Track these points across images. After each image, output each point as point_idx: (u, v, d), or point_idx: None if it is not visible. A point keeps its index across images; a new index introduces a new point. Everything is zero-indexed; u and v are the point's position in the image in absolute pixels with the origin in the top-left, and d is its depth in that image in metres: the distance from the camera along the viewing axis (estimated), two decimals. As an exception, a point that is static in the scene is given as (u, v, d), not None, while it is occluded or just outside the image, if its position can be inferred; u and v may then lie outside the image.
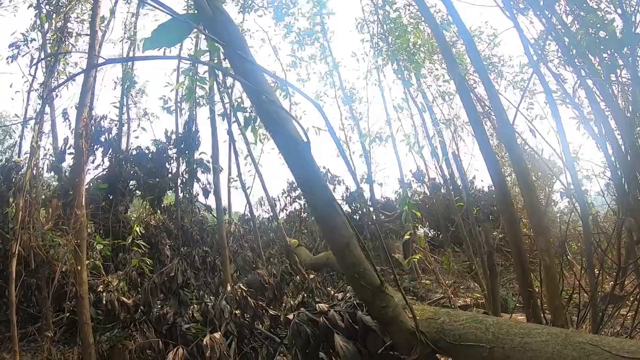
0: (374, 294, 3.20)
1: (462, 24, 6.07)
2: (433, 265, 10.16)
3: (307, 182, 3.28)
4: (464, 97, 5.72)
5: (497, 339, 2.63)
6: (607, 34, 6.84)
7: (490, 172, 5.28)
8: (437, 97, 13.88)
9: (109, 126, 12.02)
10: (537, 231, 4.74)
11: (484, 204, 15.22)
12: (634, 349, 1.87)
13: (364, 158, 14.58)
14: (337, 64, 15.27)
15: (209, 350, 4.86)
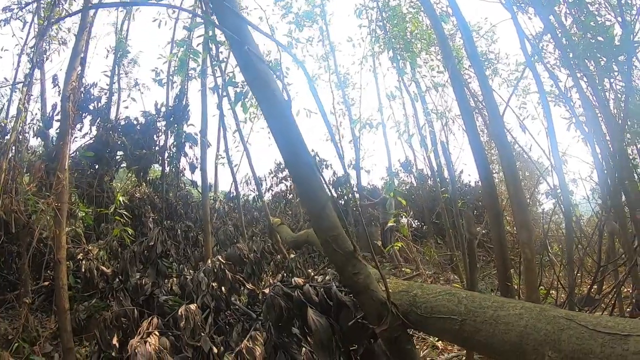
0: (346, 259, 3.14)
1: (461, 17, 6.04)
2: (414, 255, 10.26)
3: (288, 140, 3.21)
4: (457, 90, 5.72)
5: (469, 312, 2.58)
6: (605, 39, 6.86)
7: (478, 166, 5.29)
8: (431, 87, 13.88)
9: (98, 94, 11.89)
10: (521, 225, 4.76)
11: (470, 198, 15.31)
12: (611, 325, 1.83)
13: (353, 144, 14.60)
14: (334, 47, 15.23)
15: (184, 320, 4.84)
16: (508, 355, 2.28)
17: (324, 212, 3.19)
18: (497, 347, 2.33)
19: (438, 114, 13.25)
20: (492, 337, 2.36)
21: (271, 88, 3.25)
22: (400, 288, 3.28)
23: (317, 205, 3.20)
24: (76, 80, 6.77)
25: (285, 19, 14.56)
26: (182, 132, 12.16)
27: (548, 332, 2.04)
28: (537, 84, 6.07)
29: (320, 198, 3.20)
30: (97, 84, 12.02)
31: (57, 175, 5.90)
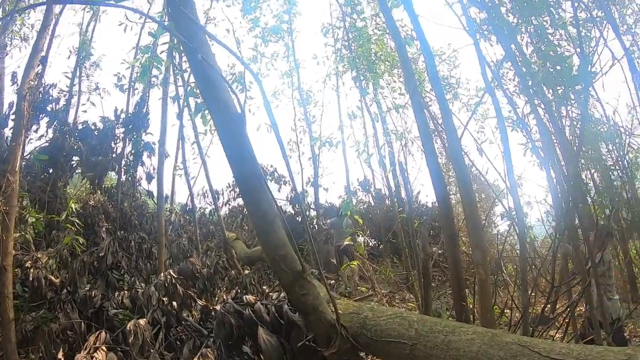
0: (294, 279, 3.11)
1: (424, 41, 6.16)
2: (370, 273, 10.27)
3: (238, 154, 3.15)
4: (417, 112, 5.81)
5: (420, 336, 2.54)
6: (563, 68, 7.07)
7: (435, 188, 5.37)
8: (392, 109, 14.05)
9: (57, 96, 11.54)
10: (475, 245, 4.84)
11: (427, 218, 15.48)
12: (565, 352, 1.82)
13: (312, 161, 14.60)
14: (298, 64, 15.26)
15: (132, 336, 4.71)
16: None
17: (272, 230, 3.16)
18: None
19: (398, 135, 13.42)
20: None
21: (223, 100, 3.20)
22: (351, 309, 3.25)
23: (265, 222, 3.17)
24: (35, 79, 6.57)
25: (252, 33, 14.57)
26: (141, 140, 11.91)
27: (501, 358, 2.03)
28: (496, 109, 6.20)
29: (268, 215, 3.17)
30: (56, 85, 11.70)
31: (7, 177, 5.68)
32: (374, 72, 12.31)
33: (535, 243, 10.95)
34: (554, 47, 7.77)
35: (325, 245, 13.42)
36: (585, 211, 8.28)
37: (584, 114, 7.63)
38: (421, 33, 6.14)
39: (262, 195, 3.16)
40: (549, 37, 8.00)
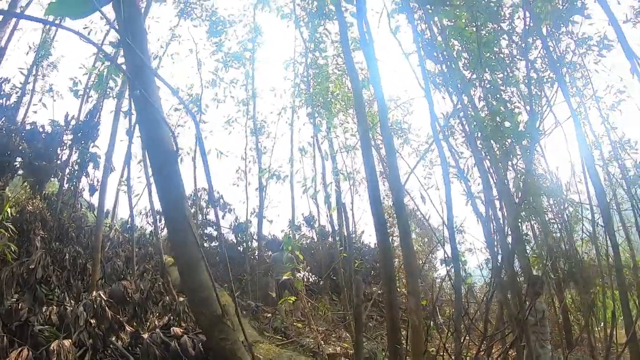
0: (213, 324, 3.09)
1: (378, 86, 6.26)
2: (307, 310, 10.18)
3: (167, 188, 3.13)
4: (366, 155, 5.88)
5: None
6: (512, 125, 7.32)
7: (377, 231, 5.42)
8: (343, 148, 14.22)
9: (9, 92, 11.19)
10: (410, 292, 4.89)
11: (368, 258, 15.56)
12: None
13: (259, 192, 14.54)
14: (256, 93, 15.31)
15: (56, 357, 4.49)
16: None
17: (195, 272, 3.12)
18: None
19: (346, 175, 13.54)
20: None
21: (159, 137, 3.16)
22: (270, 355, 3.26)
23: (189, 264, 3.15)
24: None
25: (215, 56, 14.58)
26: (88, 150, 11.56)
27: None
28: (441, 159, 6.34)
29: (193, 257, 3.15)
30: (10, 80, 11.33)
31: None
32: (329, 111, 12.44)
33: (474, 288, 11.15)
34: (505, 103, 8.07)
35: (264, 278, 13.27)
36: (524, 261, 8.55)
37: (528, 169, 7.91)
38: (376, 77, 6.25)
39: (188, 237, 3.15)
40: (501, 93, 8.31)
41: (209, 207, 15.16)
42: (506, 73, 8.65)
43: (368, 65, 6.67)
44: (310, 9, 12.58)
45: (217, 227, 14.85)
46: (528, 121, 7.43)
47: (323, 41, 12.85)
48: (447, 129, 9.00)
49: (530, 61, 8.08)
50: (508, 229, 7.00)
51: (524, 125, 7.48)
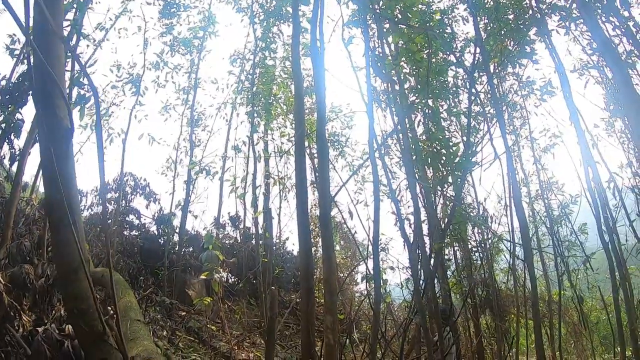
0: (93, 341, 2.78)
1: (321, 95, 6.15)
2: (223, 312, 9.96)
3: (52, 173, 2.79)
4: (299, 161, 5.75)
5: None
6: (448, 153, 7.40)
7: (300, 241, 5.31)
8: (277, 152, 14.06)
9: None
10: (328, 310, 4.79)
11: (290, 266, 15.44)
12: None
13: (187, 185, 14.10)
14: (198, 83, 14.88)
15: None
16: None
17: (75, 278, 2.82)
18: None
19: (277, 179, 13.40)
20: None
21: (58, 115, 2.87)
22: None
23: (68, 268, 2.84)
24: None
25: (163, 39, 14.08)
26: (15, 116, 10.72)
27: None
28: (374, 176, 6.28)
29: (73, 261, 2.83)
30: None
31: None
32: (269, 112, 12.26)
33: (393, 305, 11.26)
34: (443, 131, 8.17)
35: (182, 274, 12.87)
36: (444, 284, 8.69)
37: (457, 197, 8.02)
38: (321, 86, 6.13)
39: (68, 235, 2.81)
40: (441, 121, 8.41)
41: (133, 193, 14.57)
42: (449, 102, 8.79)
43: (315, 73, 6.54)
44: (267, 7, 12.44)
45: (138, 216, 14.33)
46: (464, 152, 7.53)
47: (274, 42, 12.71)
48: (383, 148, 9.04)
49: (474, 94, 8.21)
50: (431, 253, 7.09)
51: (460, 156, 7.58)
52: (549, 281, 11.98)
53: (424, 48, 7.17)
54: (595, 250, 10.28)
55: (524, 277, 10.13)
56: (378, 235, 6.03)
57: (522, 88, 10.79)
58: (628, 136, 10.74)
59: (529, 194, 12.20)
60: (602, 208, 7.99)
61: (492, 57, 8.70)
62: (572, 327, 12.70)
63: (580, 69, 10.28)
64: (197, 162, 14.17)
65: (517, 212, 7.51)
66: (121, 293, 3.81)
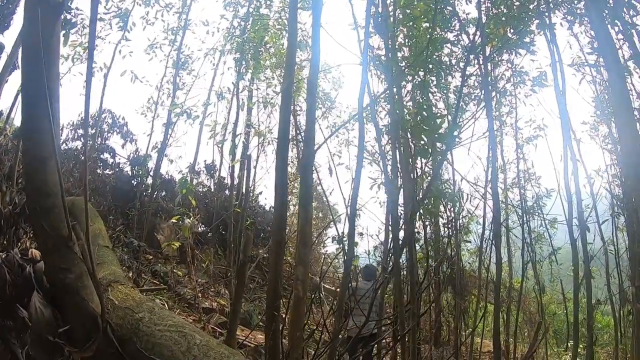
0: (55, 246, 2.43)
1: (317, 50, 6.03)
2: (189, 258, 9.95)
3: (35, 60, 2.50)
4: (283, 115, 5.65)
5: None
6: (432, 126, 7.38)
7: (276, 192, 5.24)
8: (262, 102, 13.89)
9: None
10: (300, 261, 4.75)
11: (261, 220, 15.44)
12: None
13: (165, 127, 13.84)
14: (188, 25, 14.48)
15: None
16: None
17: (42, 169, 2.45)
18: None
19: (257, 130, 13.30)
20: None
21: None
22: (129, 303, 2.62)
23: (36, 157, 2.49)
24: None
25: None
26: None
27: None
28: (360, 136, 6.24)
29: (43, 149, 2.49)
30: None
31: None
32: (257, 61, 12.05)
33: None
34: (431, 104, 8.13)
35: (152, 218, 12.77)
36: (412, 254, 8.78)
37: (436, 171, 8.04)
38: (317, 41, 6.01)
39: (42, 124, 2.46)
40: (430, 94, 8.37)
41: (110, 131, 14.28)
42: (440, 79, 8.74)
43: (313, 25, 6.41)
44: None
45: (113, 155, 14.07)
46: (449, 128, 7.53)
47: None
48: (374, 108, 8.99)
49: (468, 75, 8.18)
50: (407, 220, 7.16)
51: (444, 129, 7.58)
52: (512, 269, 12.22)
53: (425, 17, 7.10)
54: (562, 245, 10.50)
55: (489, 260, 10.28)
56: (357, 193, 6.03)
57: (515, 76, 10.78)
58: (611, 141, 10.83)
59: (505, 181, 12.32)
60: (577, 205, 8.07)
61: (489, 41, 8.63)
62: (528, 315, 13.00)
63: (578, 66, 10.27)
64: (178, 104, 13.88)
65: (492, 196, 7.57)
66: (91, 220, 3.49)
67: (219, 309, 9.18)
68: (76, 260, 2.47)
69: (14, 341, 2.63)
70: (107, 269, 2.84)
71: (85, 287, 2.47)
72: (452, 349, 10.11)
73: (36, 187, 2.42)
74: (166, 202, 13.85)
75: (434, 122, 7.31)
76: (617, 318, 10.02)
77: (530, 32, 8.82)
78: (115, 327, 2.42)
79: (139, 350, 2.28)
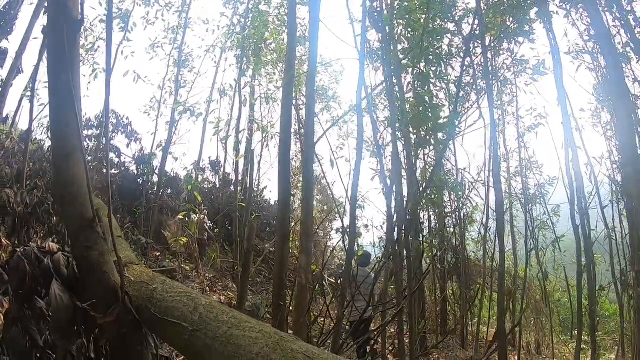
0: (80, 228, 2.69)
1: (315, 45, 6.09)
2: (197, 254, 10.07)
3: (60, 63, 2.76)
4: (285, 110, 5.72)
5: (202, 323, 2.27)
6: (433, 115, 7.44)
7: (280, 184, 5.33)
8: (264, 98, 13.94)
9: None
10: (303, 250, 4.85)
11: (266, 214, 15.55)
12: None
13: (169, 125, 13.93)
14: (188, 23, 14.54)
15: None
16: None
17: (68, 162, 2.72)
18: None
19: (260, 125, 13.36)
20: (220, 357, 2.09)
21: None
22: (144, 278, 2.91)
23: (63, 151, 2.75)
24: None
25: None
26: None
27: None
28: (359, 131, 6.31)
29: (68, 143, 2.75)
30: None
31: None
32: (258, 57, 12.11)
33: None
34: (431, 95, 8.19)
35: (159, 215, 12.89)
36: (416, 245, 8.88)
37: (439, 161, 8.12)
38: (315, 35, 6.07)
39: (71, 120, 2.72)
40: (430, 85, 8.43)
41: (115, 131, 14.38)
42: (440, 69, 8.79)
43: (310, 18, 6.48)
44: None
45: (119, 154, 14.18)
46: (449, 116, 7.58)
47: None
48: (372, 99, 9.04)
49: (467, 64, 8.23)
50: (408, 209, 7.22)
51: (444, 119, 7.64)
52: (517, 257, 12.26)
53: (422, 8, 7.15)
54: (565, 233, 10.54)
55: (494, 249, 10.35)
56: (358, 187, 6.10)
57: (515, 65, 10.82)
58: (612, 128, 10.83)
59: (508, 169, 12.37)
60: (578, 191, 8.13)
61: (489, 30, 8.67)
62: (534, 304, 13.02)
63: (575, 53, 10.27)
64: (181, 102, 13.96)
65: (495, 185, 7.64)
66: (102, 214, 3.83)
67: (227, 303, 9.29)
68: (99, 240, 2.73)
69: (34, 328, 2.90)
70: (123, 253, 3.02)
71: (107, 262, 2.73)
72: (458, 338, 10.20)
73: (65, 178, 2.69)
74: (172, 199, 13.96)
75: (434, 111, 7.41)
76: (622, 304, 10.04)
77: (530, 20, 8.86)
78: (133, 298, 2.70)
79: (153, 314, 2.55)
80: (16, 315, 2.97)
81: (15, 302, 3.03)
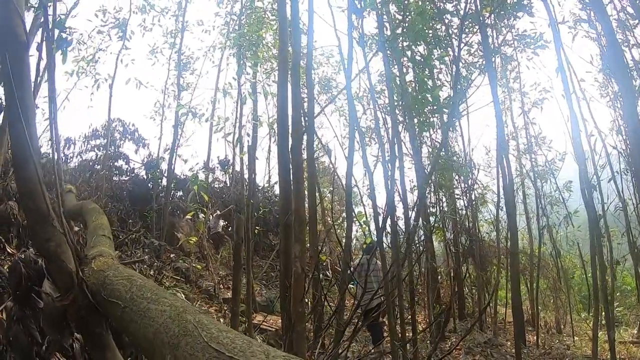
0: (38, 221, 2.94)
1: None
2: (207, 252, 10.11)
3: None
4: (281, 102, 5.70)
5: (131, 300, 2.48)
6: (432, 97, 7.38)
7: (280, 175, 5.34)
8: (265, 94, 13.92)
9: None
10: (296, 238, 4.84)
11: (277, 210, 15.54)
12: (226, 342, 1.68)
13: (174, 128, 13.96)
14: (186, 26, 14.55)
15: None
16: (146, 352, 2.26)
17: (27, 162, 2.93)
18: (140, 343, 2.28)
19: (260, 121, 13.36)
20: (138, 330, 2.27)
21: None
22: (102, 267, 3.10)
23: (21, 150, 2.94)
24: None
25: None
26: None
27: (174, 334, 1.95)
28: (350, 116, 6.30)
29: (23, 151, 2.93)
30: None
31: None
32: (256, 55, 12.07)
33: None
34: (432, 77, 8.12)
35: (170, 217, 12.95)
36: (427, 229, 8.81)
37: (444, 143, 8.05)
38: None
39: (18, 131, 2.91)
40: (431, 67, 8.36)
41: (122, 139, 14.52)
42: (441, 51, 8.69)
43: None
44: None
45: (127, 161, 14.30)
46: (452, 98, 7.51)
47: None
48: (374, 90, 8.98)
49: (465, 43, 8.14)
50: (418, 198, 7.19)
51: (445, 100, 7.57)
52: (532, 235, 12.12)
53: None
54: (578, 208, 10.36)
55: (507, 230, 10.27)
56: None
57: (516, 40, 10.66)
58: (619, 99, 10.60)
59: (517, 147, 12.21)
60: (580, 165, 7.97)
61: (485, 6, 8.55)
62: (552, 282, 12.85)
63: (572, 22, 10.08)
64: (184, 104, 13.97)
65: (502, 163, 7.58)
66: (94, 218, 4.13)
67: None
68: (55, 232, 2.95)
69: (33, 326, 3.21)
70: (98, 249, 3.30)
71: (64, 252, 2.97)
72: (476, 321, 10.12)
73: (23, 174, 2.96)
74: (183, 201, 14.03)
75: (433, 92, 7.35)
76: (638, 275, 9.88)
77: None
78: (91, 285, 2.93)
79: (103, 297, 2.77)
80: (16, 314, 3.23)
81: (15, 302, 3.27)
